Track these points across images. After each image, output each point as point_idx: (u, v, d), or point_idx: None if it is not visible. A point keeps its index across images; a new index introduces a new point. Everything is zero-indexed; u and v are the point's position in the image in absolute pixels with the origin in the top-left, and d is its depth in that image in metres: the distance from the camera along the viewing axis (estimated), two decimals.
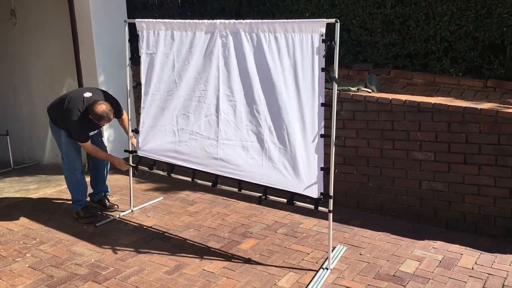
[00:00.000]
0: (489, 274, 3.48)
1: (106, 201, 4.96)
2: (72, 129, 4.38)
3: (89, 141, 4.47)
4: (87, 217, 4.61)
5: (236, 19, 3.74)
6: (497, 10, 4.80)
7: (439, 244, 4.00)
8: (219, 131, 3.92)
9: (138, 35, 4.27)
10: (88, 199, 4.82)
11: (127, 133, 4.74)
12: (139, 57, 4.31)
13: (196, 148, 4.08)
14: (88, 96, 4.39)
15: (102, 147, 4.79)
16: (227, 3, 6.41)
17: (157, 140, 4.34)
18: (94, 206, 4.93)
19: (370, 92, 4.76)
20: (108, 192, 5.03)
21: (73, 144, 4.55)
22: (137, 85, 4.44)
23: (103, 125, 4.58)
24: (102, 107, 4.25)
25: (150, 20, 4.21)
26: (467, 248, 3.92)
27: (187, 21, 3.99)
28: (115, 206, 4.94)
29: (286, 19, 3.52)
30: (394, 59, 5.46)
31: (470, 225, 4.28)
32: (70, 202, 4.75)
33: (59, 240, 4.21)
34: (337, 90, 3.43)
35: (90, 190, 4.93)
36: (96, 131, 4.65)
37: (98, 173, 4.90)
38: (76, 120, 4.28)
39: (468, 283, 3.36)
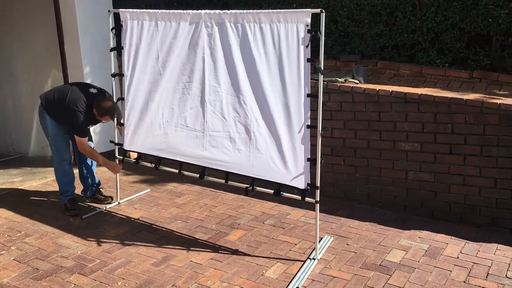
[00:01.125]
0: (474, 263, 3.53)
1: (99, 195, 4.90)
2: (73, 120, 4.30)
3: (87, 138, 4.44)
4: (73, 209, 4.57)
5: (223, 10, 3.71)
6: (483, 1, 4.81)
7: (425, 233, 4.03)
8: (205, 123, 3.89)
9: (122, 25, 4.22)
10: (78, 191, 4.78)
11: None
12: (123, 47, 4.26)
13: (182, 141, 4.05)
14: (94, 92, 4.40)
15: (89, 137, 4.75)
16: None
17: (142, 133, 4.30)
18: (87, 202, 4.88)
19: (357, 83, 4.76)
20: (99, 185, 4.97)
21: (61, 135, 4.51)
22: (116, 75, 4.42)
23: (103, 122, 4.56)
24: (110, 103, 4.29)
25: (134, 10, 4.16)
26: (453, 237, 3.96)
27: (171, 11, 3.95)
28: (109, 198, 4.89)
29: (273, 9, 3.48)
30: (381, 50, 5.47)
31: (456, 215, 4.32)
32: (56, 195, 4.70)
33: (44, 233, 4.18)
34: (324, 81, 3.43)
35: (81, 187, 4.87)
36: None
37: (86, 167, 4.84)
38: (80, 111, 4.26)
39: (453, 272, 3.39)
